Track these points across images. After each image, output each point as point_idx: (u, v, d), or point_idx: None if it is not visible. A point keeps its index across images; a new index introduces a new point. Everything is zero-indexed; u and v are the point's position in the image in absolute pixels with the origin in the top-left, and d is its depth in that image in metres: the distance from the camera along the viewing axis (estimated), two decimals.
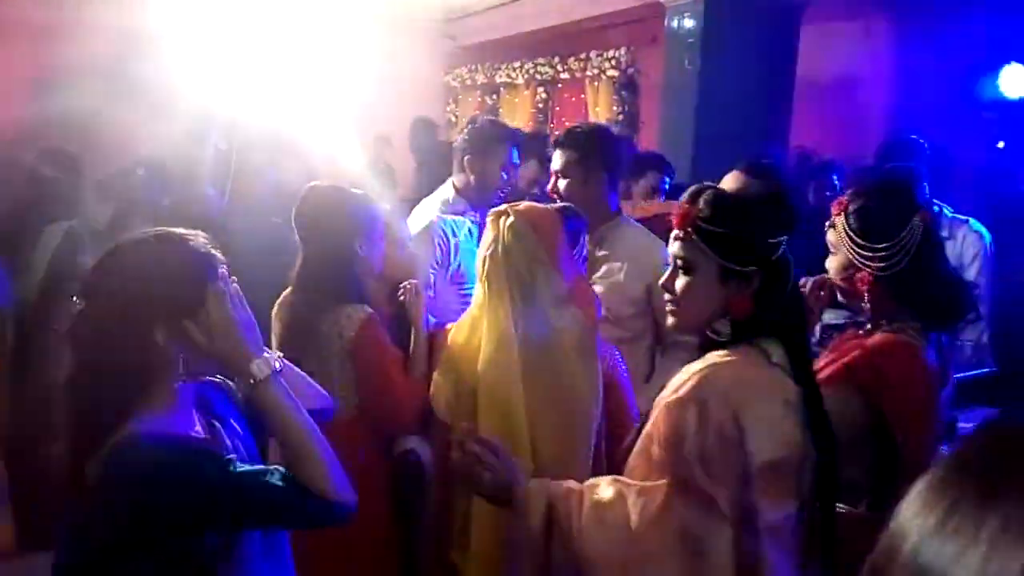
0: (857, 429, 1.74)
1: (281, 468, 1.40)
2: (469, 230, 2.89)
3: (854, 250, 1.82)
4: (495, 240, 1.99)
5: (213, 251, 1.44)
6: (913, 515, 0.49)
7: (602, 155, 2.70)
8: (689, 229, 1.50)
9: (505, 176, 3.05)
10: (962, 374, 3.00)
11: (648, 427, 1.53)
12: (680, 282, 1.54)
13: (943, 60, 5.13)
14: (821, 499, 1.44)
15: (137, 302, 1.37)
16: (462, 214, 2.99)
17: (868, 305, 1.86)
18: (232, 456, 1.41)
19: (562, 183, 2.72)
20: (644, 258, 2.61)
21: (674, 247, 1.55)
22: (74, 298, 1.38)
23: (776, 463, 1.36)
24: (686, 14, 5.12)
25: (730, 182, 2.86)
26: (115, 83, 3.44)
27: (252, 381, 1.39)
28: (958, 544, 0.45)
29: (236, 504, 1.38)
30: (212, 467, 1.36)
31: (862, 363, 1.78)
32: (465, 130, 3.19)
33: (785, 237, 1.48)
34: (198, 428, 1.46)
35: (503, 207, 2.08)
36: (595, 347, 2.01)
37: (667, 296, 1.58)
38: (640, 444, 1.54)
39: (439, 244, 2.82)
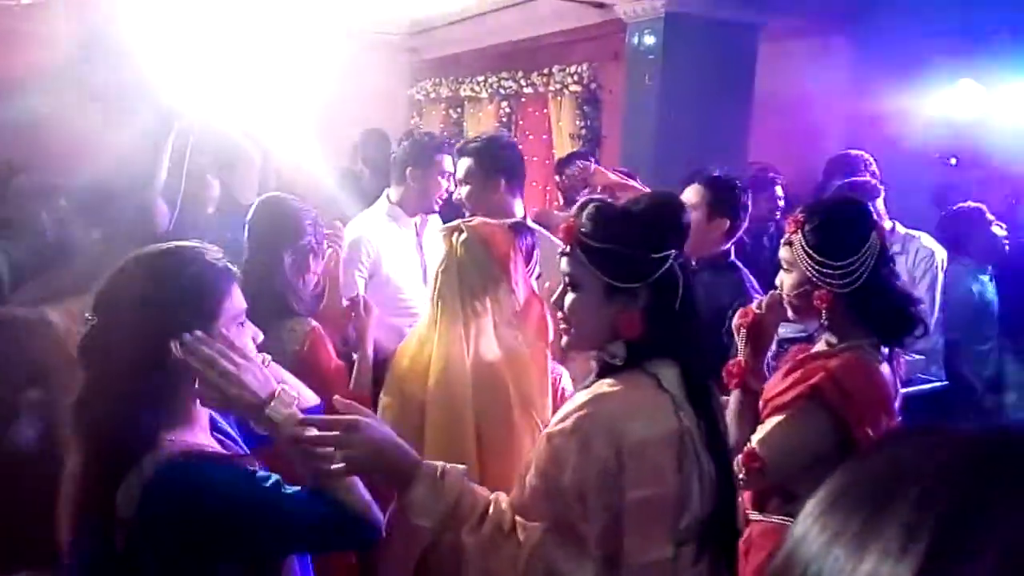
0: (826, 446, 1.75)
1: (319, 489, 1.36)
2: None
3: (813, 267, 1.82)
4: (448, 256, 1.96)
5: (229, 265, 1.43)
6: (806, 528, 0.48)
7: (499, 162, 2.87)
8: (573, 244, 1.46)
9: (444, 185, 3.22)
10: (914, 388, 3.04)
11: (530, 453, 1.49)
12: (568, 299, 1.50)
13: (899, 76, 5.23)
14: (714, 537, 1.39)
15: (151, 315, 1.32)
16: (397, 223, 3.22)
17: (826, 322, 1.87)
18: (274, 476, 1.37)
19: (464, 190, 2.95)
20: (551, 265, 2.65)
21: (562, 263, 1.50)
22: (87, 315, 1.32)
23: (648, 500, 1.31)
24: (646, 31, 5.16)
25: (689, 194, 2.90)
26: (68, 90, 3.34)
27: (271, 424, 1.35)
28: (850, 557, 0.44)
29: (283, 526, 1.34)
30: (258, 488, 1.32)
31: (827, 384, 1.78)
32: (404, 143, 3.34)
33: (672, 252, 1.42)
34: (214, 444, 1.43)
35: (456, 223, 2.05)
36: (547, 366, 2.00)
37: (559, 314, 1.54)
38: (521, 469, 1.50)
39: (365, 255, 3.06)
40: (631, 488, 1.31)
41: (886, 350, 1.87)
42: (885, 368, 1.85)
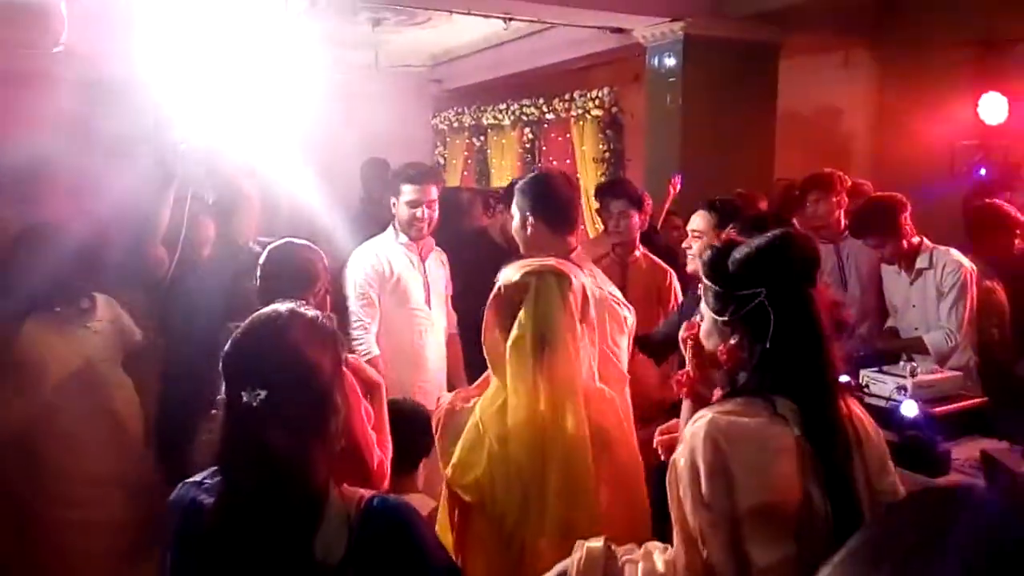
0: None
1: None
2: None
3: None
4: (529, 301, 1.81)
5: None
6: None
7: (527, 200, 2.71)
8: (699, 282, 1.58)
9: (414, 213, 3.30)
10: (952, 405, 2.99)
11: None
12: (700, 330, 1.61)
13: (923, 87, 5.20)
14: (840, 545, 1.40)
15: (322, 383, 1.36)
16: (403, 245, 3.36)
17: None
18: None
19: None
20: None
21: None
22: (253, 390, 1.31)
23: (762, 507, 1.35)
24: (666, 53, 5.19)
25: (696, 220, 2.91)
26: (75, 136, 3.35)
27: None
28: None
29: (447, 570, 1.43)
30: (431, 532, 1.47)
31: None
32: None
33: (761, 289, 1.42)
34: None
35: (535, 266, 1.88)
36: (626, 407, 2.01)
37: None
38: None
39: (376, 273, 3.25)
40: (745, 498, 1.35)
41: None
42: None
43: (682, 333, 1.61)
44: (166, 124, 2.72)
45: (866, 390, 3.07)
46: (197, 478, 1.43)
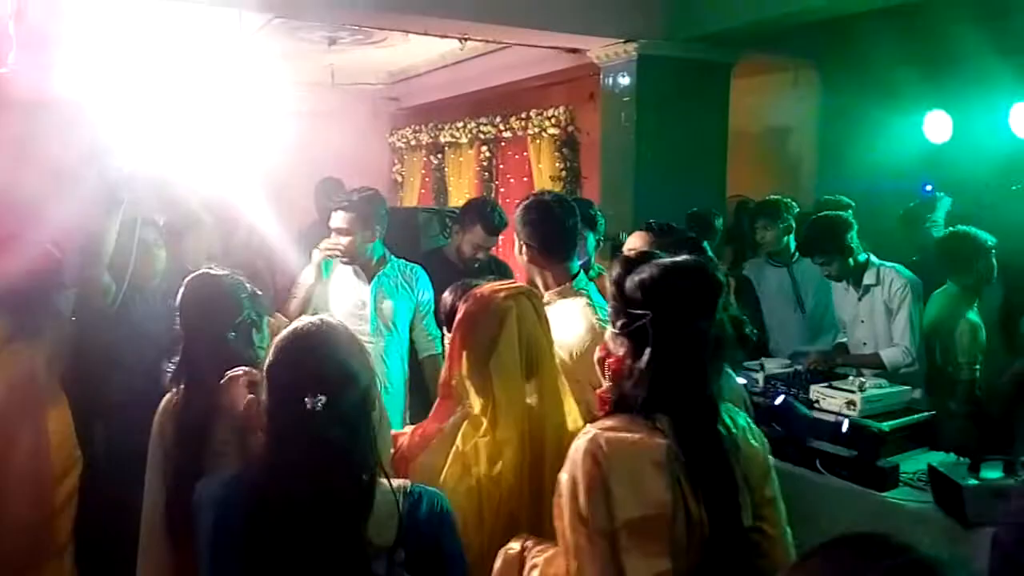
0: None
1: None
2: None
3: None
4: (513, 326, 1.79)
5: None
6: None
7: (522, 227, 2.68)
8: None
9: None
10: (900, 419, 3.06)
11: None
12: None
13: (869, 106, 5.34)
14: (717, 553, 1.45)
15: (363, 383, 1.53)
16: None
17: None
18: None
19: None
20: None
21: None
22: (315, 396, 1.45)
23: (638, 521, 1.39)
24: (620, 73, 5.26)
25: (633, 240, 2.95)
26: (21, 160, 3.26)
27: None
28: None
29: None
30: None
31: None
32: None
33: (647, 312, 1.46)
34: None
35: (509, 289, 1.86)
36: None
37: None
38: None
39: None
40: (622, 511, 1.39)
41: None
42: None
43: (598, 354, 1.62)
44: (107, 148, 2.67)
45: (816, 405, 3.14)
46: (213, 480, 1.59)
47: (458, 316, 1.81)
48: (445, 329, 1.91)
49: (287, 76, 7.60)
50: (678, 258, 1.54)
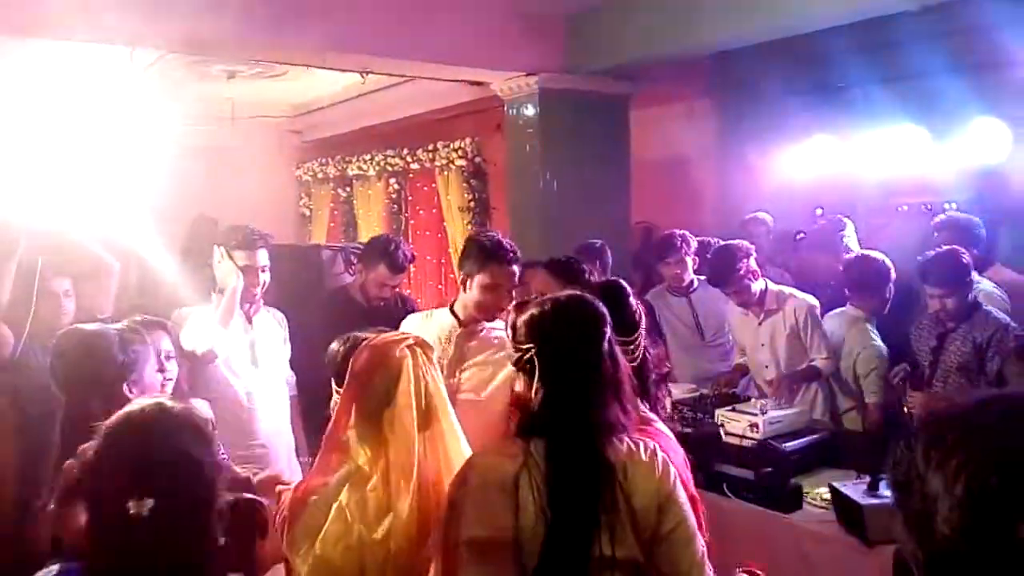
0: None
1: None
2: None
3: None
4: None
5: None
6: None
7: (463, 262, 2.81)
8: None
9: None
10: (802, 440, 3.15)
11: None
12: None
13: (762, 134, 5.55)
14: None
15: (205, 480, 1.38)
16: None
17: None
18: None
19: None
20: None
21: None
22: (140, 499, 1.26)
23: (480, 541, 1.47)
24: (524, 105, 5.32)
25: (533, 276, 3.04)
26: None
27: None
28: None
29: None
30: None
31: None
32: None
33: (531, 346, 1.60)
34: None
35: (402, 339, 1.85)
36: None
37: None
38: None
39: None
40: (465, 530, 1.48)
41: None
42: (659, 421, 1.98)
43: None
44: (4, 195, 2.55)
45: (723, 429, 3.19)
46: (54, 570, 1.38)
47: (352, 368, 1.76)
48: (334, 380, 1.85)
49: (185, 111, 7.40)
50: (561, 295, 1.69)
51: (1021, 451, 0.71)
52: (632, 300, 2.02)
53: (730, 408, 3.25)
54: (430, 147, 6.95)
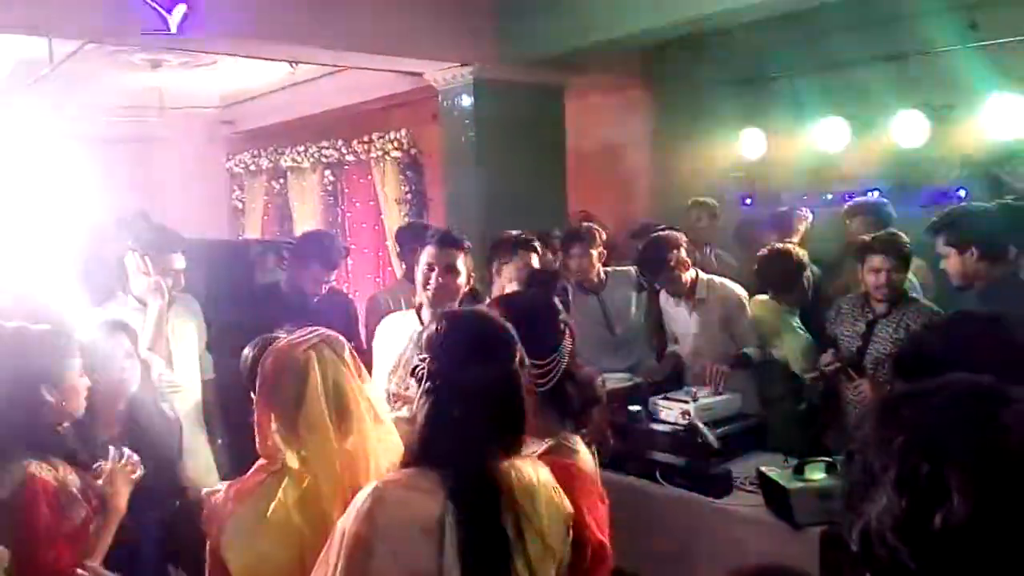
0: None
1: None
2: None
3: None
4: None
5: None
6: None
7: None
8: None
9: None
10: (732, 425, 3.21)
11: None
12: None
13: (693, 125, 5.63)
14: None
15: None
16: None
17: None
18: None
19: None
20: None
21: None
22: None
23: None
24: (458, 96, 5.28)
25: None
26: None
27: None
28: None
29: None
30: None
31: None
32: None
33: (424, 358, 1.47)
34: None
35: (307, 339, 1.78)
36: None
37: None
38: None
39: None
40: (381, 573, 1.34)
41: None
42: (584, 452, 1.84)
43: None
44: None
45: (655, 417, 3.24)
46: None
47: (261, 374, 1.73)
48: (249, 386, 1.83)
49: (110, 102, 7.15)
50: (464, 310, 1.60)
51: (959, 439, 0.71)
52: (550, 320, 1.84)
53: (662, 396, 3.30)
54: (365, 138, 6.86)
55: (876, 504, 0.72)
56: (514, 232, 3.46)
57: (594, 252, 3.94)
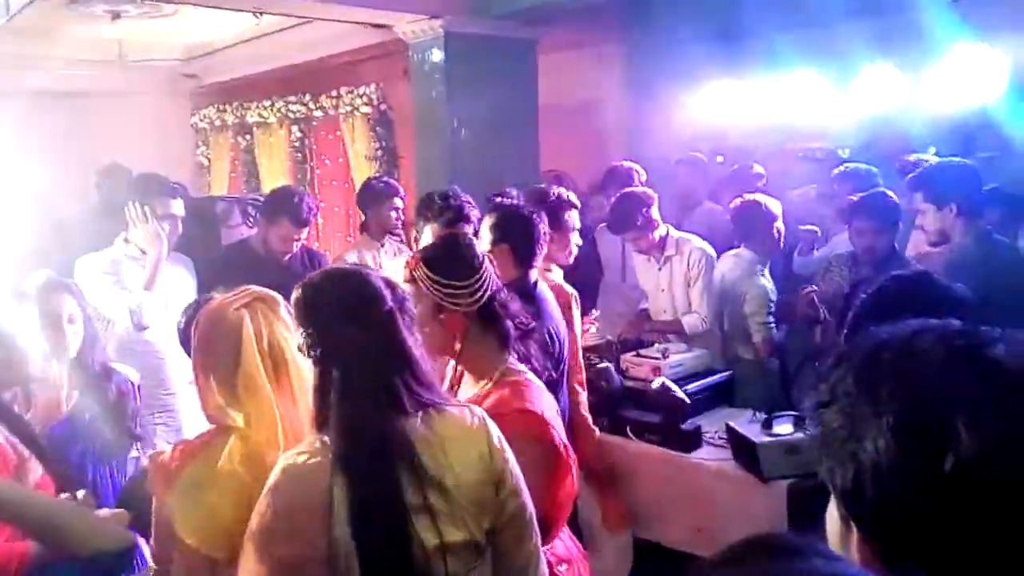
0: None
1: None
2: None
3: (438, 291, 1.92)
4: None
5: None
6: None
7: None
8: None
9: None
10: (701, 381, 3.23)
11: None
12: None
13: (668, 81, 5.57)
14: None
15: None
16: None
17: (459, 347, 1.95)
18: None
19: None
20: None
21: None
22: None
23: (289, 559, 1.36)
24: (428, 50, 5.17)
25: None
26: None
27: None
28: None
29: None
30: None
31: (534, 425, 1.82)
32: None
33: (309, 329, 1.46)
34: None
35: (239, 298, 1.73)
36: None
37: None
38: None
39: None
40: (275, 547, 1.36)
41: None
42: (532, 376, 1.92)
43: None
44: None
45: (627, 374, 3.25)
46: None
47: (195, 337, 1.69)
48: (185, 350, 1.79)
49: (68, 55, 6.92)
50: (326, 268, 1.60)
51: (958, 379, 0.71)
52: (468, 246, 1.94)
53: (634, 353, 3.31)
54: (333, 93, 6.73)
55: (867, 451, 0.72)
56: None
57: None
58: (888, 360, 0.75)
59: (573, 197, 3.25)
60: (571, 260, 3.17)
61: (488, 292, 1.87)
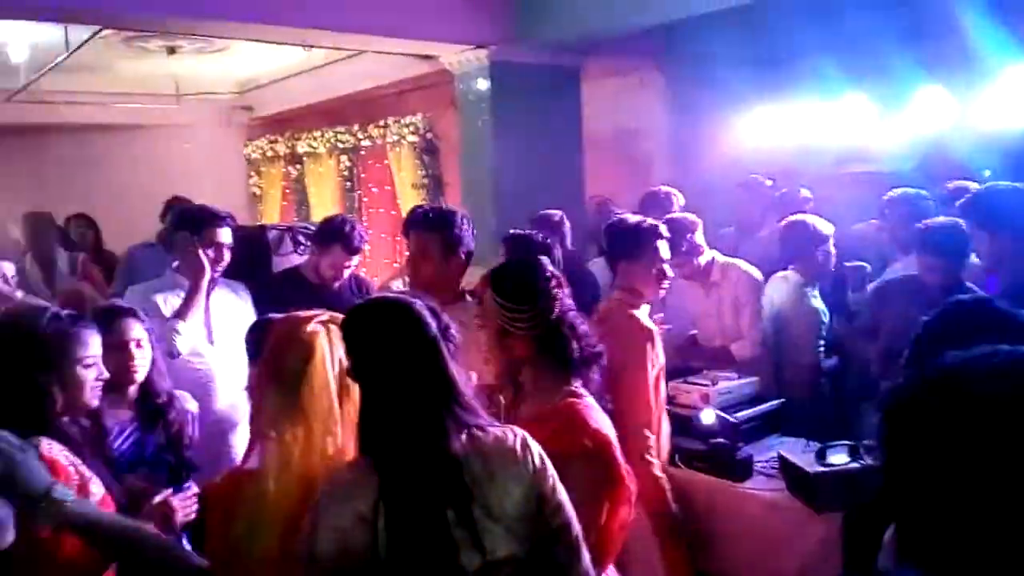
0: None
1: None
2: None
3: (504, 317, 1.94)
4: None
5: None
6: None
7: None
8: None
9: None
10: (752, 410, 3.18)
11: None
12: None
13: (709, 105, 5.56)
14: None
15: None
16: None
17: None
18: None
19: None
20: None
21: None
22: None
23: (332, 570, 1.40)
24: (474, 79, 5.25)
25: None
26: None
27: None
28: None
29: None
30: None
31: (593, 443, 1.83)
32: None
33: (357, 355, 1.54)
34: None
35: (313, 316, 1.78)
36: None
37: None
38: None
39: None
40: (320, 559, 1.40)
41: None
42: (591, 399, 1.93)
43: None
44: None
45: (674, 401, 3.21)
46: None
47: (263, 351, 1.71)
48: (250, 359, 1.83)
49: (126, 88, 7.18)
50: (373, 298, 1.65)
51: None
52: (537, 268, 1.93)
53: (681, 380, 3.27)
54: (381, 123, 6.85)
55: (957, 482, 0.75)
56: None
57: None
58: (969, 389, 0.77)
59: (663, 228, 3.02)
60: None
61: (555, 316, 1.87)
